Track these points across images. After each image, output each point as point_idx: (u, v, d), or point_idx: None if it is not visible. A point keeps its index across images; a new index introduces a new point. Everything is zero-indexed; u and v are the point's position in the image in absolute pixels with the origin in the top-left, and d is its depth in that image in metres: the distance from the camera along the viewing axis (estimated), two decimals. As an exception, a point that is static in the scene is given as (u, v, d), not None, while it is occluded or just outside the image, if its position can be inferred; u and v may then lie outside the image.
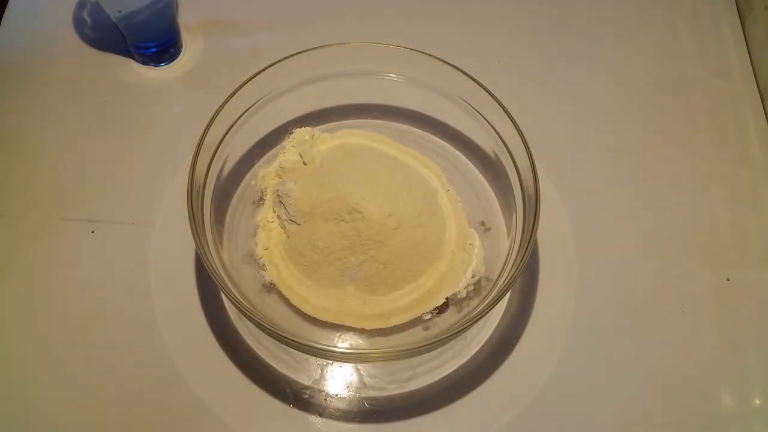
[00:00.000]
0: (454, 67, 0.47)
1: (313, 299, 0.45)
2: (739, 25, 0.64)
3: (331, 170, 0.47)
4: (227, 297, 0.40)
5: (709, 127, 0.57)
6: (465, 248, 0.46)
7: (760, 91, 0.59)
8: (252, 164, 0.51)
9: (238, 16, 0.63)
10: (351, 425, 0.43)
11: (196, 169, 0.43)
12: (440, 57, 0.48)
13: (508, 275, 0.42)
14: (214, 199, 0.46)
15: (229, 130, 0.47)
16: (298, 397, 0.44)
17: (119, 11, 0.52)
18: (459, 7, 0.65)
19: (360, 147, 0.51)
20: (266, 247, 0.47)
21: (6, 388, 0.44)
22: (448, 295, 0.45)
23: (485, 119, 0.49)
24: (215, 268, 0.40)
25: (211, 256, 0.41)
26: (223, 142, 0.47)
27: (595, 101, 0.59)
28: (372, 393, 0.44)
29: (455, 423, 0.44)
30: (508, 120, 0.45)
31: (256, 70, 0.47)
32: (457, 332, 0.38)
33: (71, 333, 0.46)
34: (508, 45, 0.62)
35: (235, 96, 0.46)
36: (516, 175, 0.46)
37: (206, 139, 0.44)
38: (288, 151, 0.50)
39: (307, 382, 0.45)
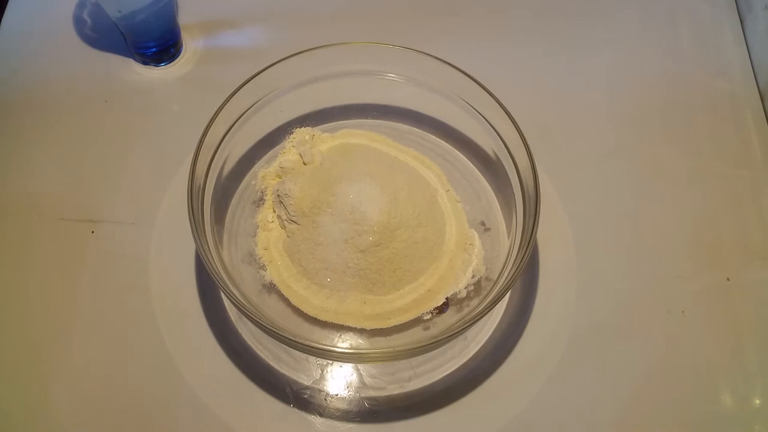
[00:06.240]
0: (454, 67, 0.47)
1: (313, 299, 0.45)
2: (739, 25, 0.64)
3: (331, 170, 0.47)
4: (227, 297, 0.40)
5: (709, 127, 0.57)
6: (465, 248, 0.46)
7: (759, 91, 0.59)
8: (252, 164, 0.51)
9: (238, 17, 0.63)
10: (351, 425, 0.43)
11: (196, 169, 0.43)
12: (440, 57, 0.48)
13: (508, 275, 0.42)
14: (214, 199, 0.46)
15: (229, 130, 0.47)
16: (298, 397, 0.44)
17: (119, 11, 0.52)
18: (459, 7, 0.65)
19: (360, 147, 0.51)
20: (266, 247, 0.47)
21: (6, 389, 0.44)
22: (448, 295, 0.45)
23: (485, 119, 0.49)
24: (215, 268, 0.40)
25: (211, 256, 0.41)
26: (223, 142, 0.47)
27: (595, 101, 0.59)
28: (372, 393, 0.44)
29: (455, 423, 0.44)
30: (508, 120, 0.45)
31: (256, 70, 0.47)
32: (457, 332, 0.38)
33: (71, 333, 0.46)
34: (508, 45, 0.62)
35: (235, 96, 0.46)
36: (516, 175, 0.46)
37: (206, 139, 0.44)
38: (288, 151, 0.50)
39: (307, 382, 0.45)
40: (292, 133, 0.51)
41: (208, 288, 0.48)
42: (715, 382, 0.46)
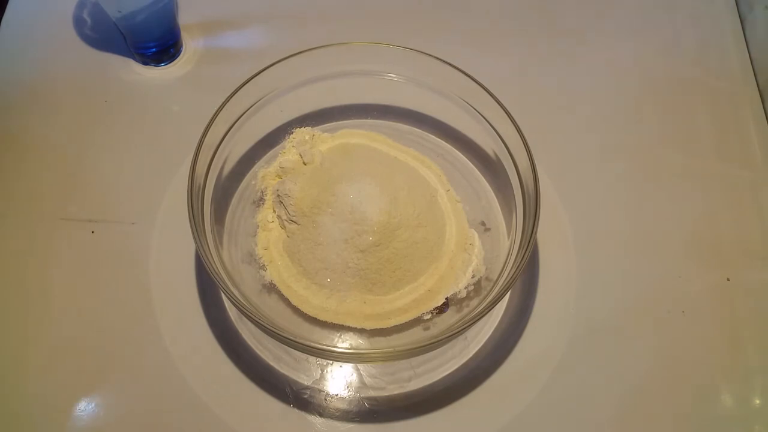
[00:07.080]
0: (454, 67, 0.47)
1: (313, 299, 0.45)
2: (739, 25, 0.64)
3: (331, 170, 0.47)
4: (227, 297, 0.40)
5: (709, 127, 0.57)
6: (465, 248, 0.46)
7: (760, 91, 0.59)
8: (252, 164, 0.51)
9: (239, 17, 0.63)
10: (351, 425, 0.43)
11: (196, 169, 0.43)
12: (440, 57, 0.48)
13: (508, 275, 0.42)
14: (214, 199, 0.46)
15: (229, 130, 0.47)
16: (298, 397, 0.44)
17: (119, 11, 0.52)
18: (459, 7, 0.65)
19: (360, 147, 0.51)
20: (266, 247, 0.47)
21: (5, 389, 0.44)
22: (448, 295, 0.45)
23: (485, 119, 0.49)
24: (215, 268, 0.40)
25: (211, 256, 0.41)
26: (223, 142, 0.47)
27: (595, 101, 0.59)
28: (372, 393, 0.44)
29: (455, 423, 0.44)
30: (508, 120, 0.45)
31: (256, 70, 0.47)
32: (457, 332, 0.38)
33: (71, 333, 0.46)
34: (508, 45, 0.62)
35: (235, 96, 0.46)
36: (516, 175, 0.46)
37: (206, 139, 0.44)
38: (288, 151, 0.50)
39: (307, 382, 0.45)
40: (292, 133, 0.51)
41: (208, 288, 0.48)
42: (715, 382, 0.46)
